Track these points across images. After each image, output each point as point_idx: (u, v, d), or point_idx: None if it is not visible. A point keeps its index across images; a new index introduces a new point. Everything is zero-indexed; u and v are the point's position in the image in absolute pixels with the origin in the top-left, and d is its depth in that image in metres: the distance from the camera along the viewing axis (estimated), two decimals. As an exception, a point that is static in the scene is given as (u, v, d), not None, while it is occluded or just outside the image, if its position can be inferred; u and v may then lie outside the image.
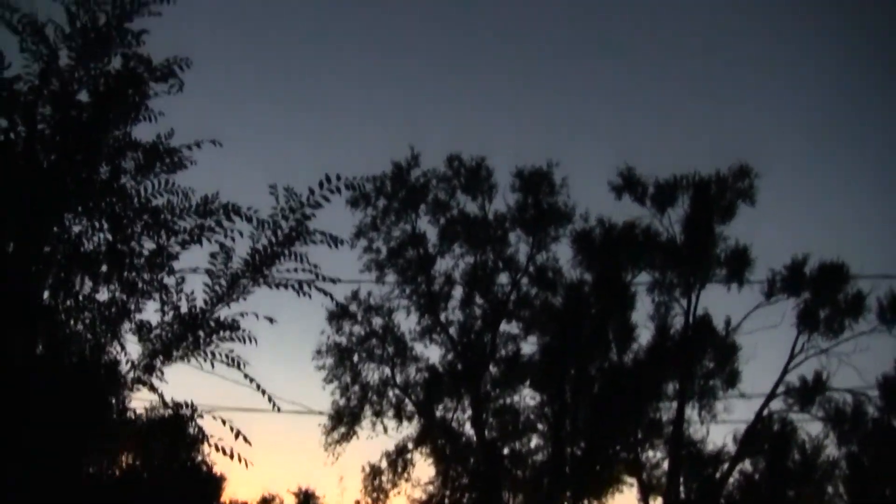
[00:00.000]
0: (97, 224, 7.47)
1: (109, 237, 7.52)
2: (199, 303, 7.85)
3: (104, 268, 7.47)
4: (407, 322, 26.27)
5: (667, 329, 25.62)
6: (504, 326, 25.98)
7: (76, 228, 7.45)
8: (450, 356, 25.94)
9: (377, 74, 44.92)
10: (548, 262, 25.73)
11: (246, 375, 8.03)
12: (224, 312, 7.90)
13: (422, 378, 25.93)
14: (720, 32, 43.57)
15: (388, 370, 26.14)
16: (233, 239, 7.85)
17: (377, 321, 26.13)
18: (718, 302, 31.29)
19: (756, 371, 26.01)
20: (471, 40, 46.24)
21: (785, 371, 25.29)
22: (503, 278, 26.04)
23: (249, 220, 7.78)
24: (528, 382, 25.90)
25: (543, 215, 25.37)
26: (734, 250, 25.59)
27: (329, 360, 26.00)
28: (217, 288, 7.83)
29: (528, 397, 26.02)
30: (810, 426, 25.61)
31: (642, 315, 25.96)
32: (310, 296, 7.97)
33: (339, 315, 25.96)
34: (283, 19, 43.95)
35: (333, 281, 8.11)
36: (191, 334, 7.77)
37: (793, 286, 25.44)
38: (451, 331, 25.89)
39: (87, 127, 7.19)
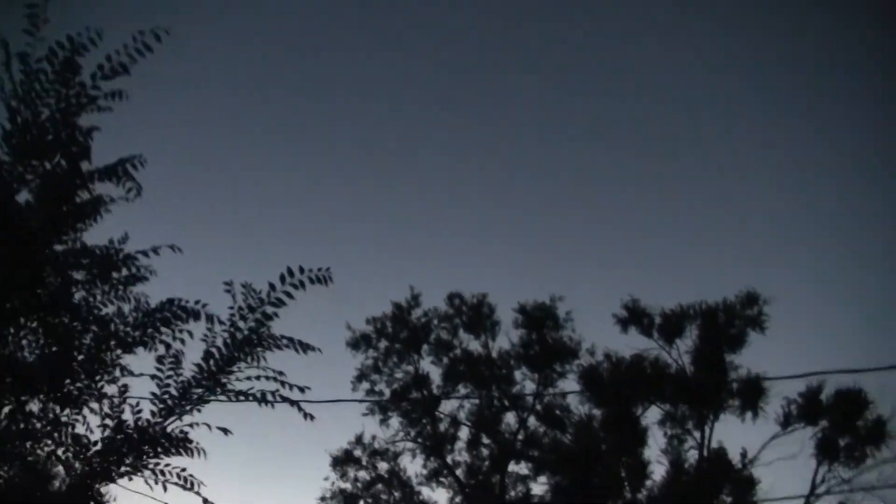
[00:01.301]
0: (40, 340, 6.80)
1: (47, 349, 6.78)
2: (147, 415, 7.00)
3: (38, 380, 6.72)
4: (413, 465, 25.64)
5: (681, 463, 24.79)
6: (513, 467, 25.30)
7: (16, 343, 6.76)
8: (458, 499, 25.19)
9: (370, 209, 44.66)
10: (555, 400, 25.10)
11: (205, 501, 7.12)
12: (175, 426, 7.07)
13: (432, 524, 25.18)
14: (722, 152, 43.30)
15: (396, 516, 25.45)
16: (182, 341, 7.02)
17: (383, 465, 25.54)
18: (733, 433, 30.54)
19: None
20: (465, 172, 46.14)
21: (807, 504, 24.32)
22: (510, 417, 25.46)
23: (197, 316, 6.86)
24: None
25: (549, 351, 24.83)
26: (746, 380, 24.85)
27: (335, 509, 25.38)
28: (167, 398, 6.97)
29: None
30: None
31: (654, 451, 25.20)
32: (272, 405, 7.06)
33: (343, 460, 25.42)
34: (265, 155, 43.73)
35: (301, 389, 7.08)
36: (134, 450, 6.88)
37: (810, 414, 24.60)
38: (459, 472, 25.19)
39: (30, 233, 6.53)
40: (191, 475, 7.12)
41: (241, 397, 7.10)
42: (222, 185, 43.52)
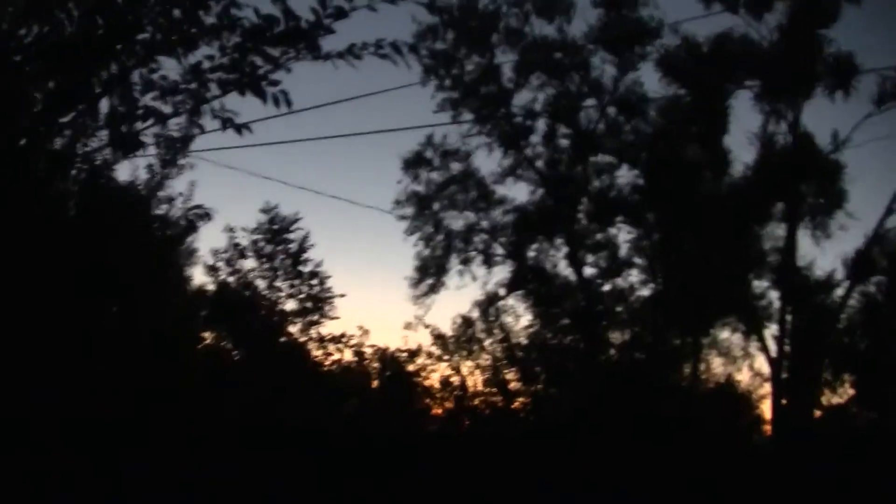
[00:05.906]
0: None
1: None
2: None
3: None
4: (488, 164, 24.49)
5: (773, 144, 23.62)
6: (594, 158, 24.11)
7: None
8: (538, 193, 24.16)
9: None
10: (634, 86, 23.67)
11: None
12: None
13: (510, 220, 24.20)
14: None
15: (472, 216, 24.52)
16: None
17: (456, 166, 24.41)
18: (824, 116, 28.90)
19: (870, 188, 23.82)
20: None
21: (901, 183, 23.19)
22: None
23: None
24: (623, 217, 24.02)
25: (629, 32, 23.18)
26: (837, 56, 23.32)
27: (409, 210, 24.44)
28: None
29: (625, 230, 24.26)
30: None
31: (735, 138, 23.96)
32: None
33: (414, 162, 24.29)
34: None
35: None
36: None
37: (905, 92, 23.23)
38: (538, 164, 24.05)
39: None
40: None
41: None
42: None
